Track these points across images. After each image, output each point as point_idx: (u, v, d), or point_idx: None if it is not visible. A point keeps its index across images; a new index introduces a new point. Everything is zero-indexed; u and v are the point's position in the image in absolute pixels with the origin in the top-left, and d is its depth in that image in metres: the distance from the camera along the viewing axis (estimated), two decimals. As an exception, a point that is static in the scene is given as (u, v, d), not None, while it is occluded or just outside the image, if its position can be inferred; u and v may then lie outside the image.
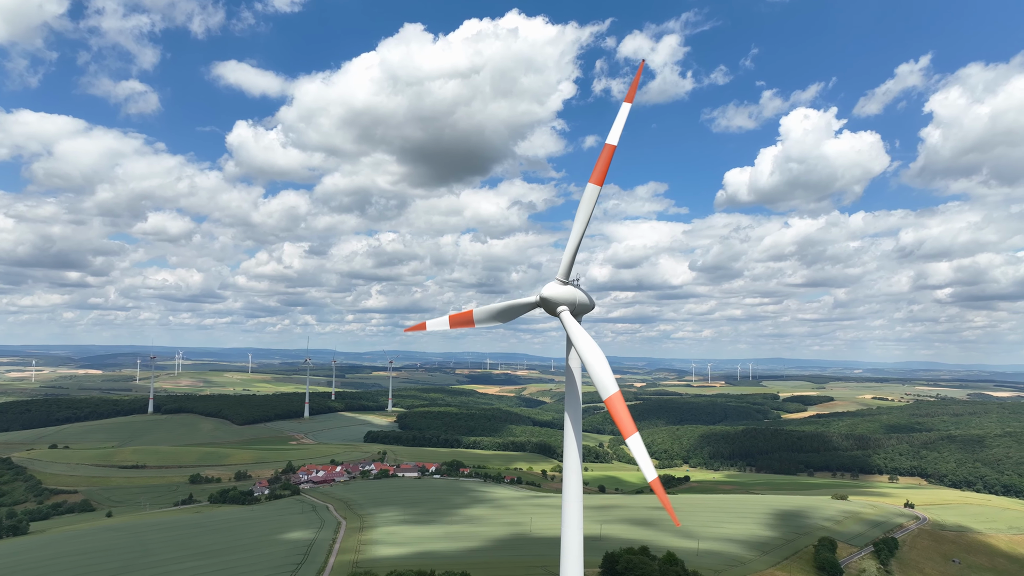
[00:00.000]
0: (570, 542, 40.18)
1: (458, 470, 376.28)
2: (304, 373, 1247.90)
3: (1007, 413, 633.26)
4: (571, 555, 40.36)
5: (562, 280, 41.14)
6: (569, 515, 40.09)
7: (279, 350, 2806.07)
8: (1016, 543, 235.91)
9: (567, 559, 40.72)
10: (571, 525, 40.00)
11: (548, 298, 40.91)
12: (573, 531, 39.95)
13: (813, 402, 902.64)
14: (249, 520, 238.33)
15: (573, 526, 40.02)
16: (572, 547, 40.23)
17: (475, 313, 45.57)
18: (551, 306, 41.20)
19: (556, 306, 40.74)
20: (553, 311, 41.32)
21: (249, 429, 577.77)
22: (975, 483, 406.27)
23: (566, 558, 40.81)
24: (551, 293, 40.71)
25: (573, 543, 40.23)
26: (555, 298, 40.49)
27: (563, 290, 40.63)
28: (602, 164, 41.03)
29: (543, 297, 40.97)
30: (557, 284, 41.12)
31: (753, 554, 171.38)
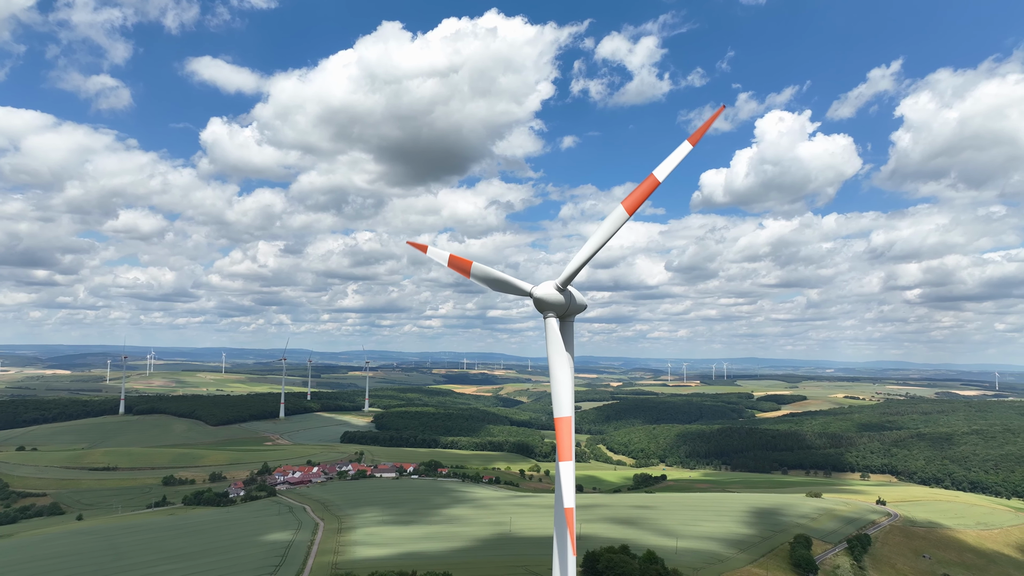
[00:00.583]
0: (562, 540, 40.11)
1: (436, 470, 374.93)
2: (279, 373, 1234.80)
3: (974, 411, 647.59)
4: (562, 554, 40.31)
5: (559, 286, 41.05)
6: (561, 515, 39.98)
7: (253, 350, 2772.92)
8: (984, 538, 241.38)
9: (558, 558, 40.66)
10: (562, 524, 39.90)
11: (540, 299, 40.77)
12: (565, 532, 39.84)
13: (787, 401, 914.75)
14: (225, 522, 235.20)
15: (565, 527, 39.93)
16: (564, 547, 40.17)
17: (473, 267, 45.84)
18: (541, 306, 41.12)
19: (545, 308, 40.65)
20: (541, 311, 41.26)
21: (223, 430, 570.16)
22: (943, 480, 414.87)
23: (559, 557, 40.76)
24: (543, 294, 40.61)
25: (565, 543, 40.16)
26: (546, 299, 40.41)
27: (555, 296, 40.57)
28: (641, 194, 39.94)
29: (534, 296, 40.82)
30: (552, 287, 41.05)
31: (731, 551, 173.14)
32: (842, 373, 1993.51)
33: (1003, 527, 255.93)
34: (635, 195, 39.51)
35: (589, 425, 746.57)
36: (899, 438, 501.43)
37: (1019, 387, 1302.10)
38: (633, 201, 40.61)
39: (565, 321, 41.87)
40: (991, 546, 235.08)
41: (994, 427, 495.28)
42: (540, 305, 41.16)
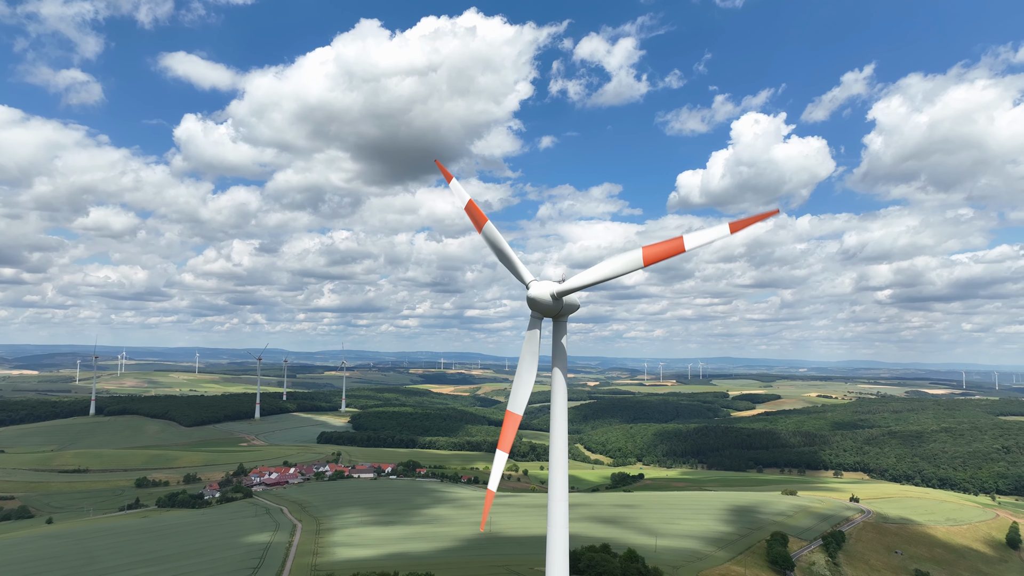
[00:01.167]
0: (556, 542, 40.29)
1: (415, 470, 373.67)
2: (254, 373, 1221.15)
3: (942, 410, 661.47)
4: (557, 555, 40.47)
5: (555, 294, 41.13)
6: (555, 515, 40.19)
7: (227, 349, 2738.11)
8: (953, 533, 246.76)
9: (553, 559, 40.81)
10: (557, 525, 40.11)
11: (533, 298, 40.84)
12: (559, 531, 40.07)
13: (761, 400, 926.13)
14: (200, 524, 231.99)
15: (559, 526, 40.14)
16: (558, 547, 40.35)
17: (487, 226, 46.41)
18: (532, 305, 41.19)
19: (537, 309, 40.73)
20: (545, 308, 41.35)
21: (197, 431, 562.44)
22: (914, 477, 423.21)
23: (552, 558, 40.90)
24: (536, 295, 40.73)
25: (559, 543, 40.34)
26: (538, 301, 40.56)
27: (547, 302, 40.74)
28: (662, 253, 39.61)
29: (528, 296, 40.86)
30: (547, 293, 41.18)
31: (710, 549, 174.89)
32: (815, 372, 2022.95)
33: (971, 523, 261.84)
34: (658, 251, 39.37)
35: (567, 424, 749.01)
36: (871, 436, 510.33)
37: (985, 386, 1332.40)
38: (652, 256, 40.46)
39: (558, 321, 41.95)
40: (960, 541, 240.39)
41: (962, 425, 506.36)
42: (532, 304, 41.19)
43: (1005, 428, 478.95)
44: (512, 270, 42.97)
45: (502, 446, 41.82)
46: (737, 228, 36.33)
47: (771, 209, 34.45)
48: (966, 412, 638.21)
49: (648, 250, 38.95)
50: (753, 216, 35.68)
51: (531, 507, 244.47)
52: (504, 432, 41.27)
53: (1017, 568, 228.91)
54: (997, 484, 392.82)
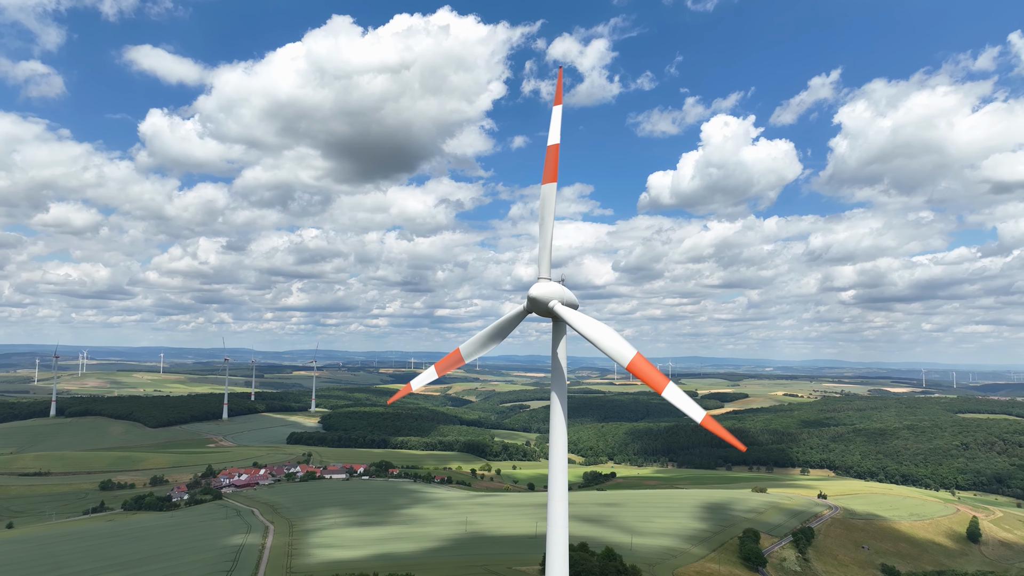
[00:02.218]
0: (556, 542, 40.51)
1: (387, 471, 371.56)
2: (220, 373, 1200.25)
3: (904, 408, 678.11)
4: (556, 555, 40.70)
5: (546, 278, 41.30)
6: (555, 515, 40.39)
7: (193, 349, 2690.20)
8: (917, 528, 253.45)
9: (553, 559, 41.04)
10: (557, 525, 40.33)
11: (537, 297, 40.91)
12: (559, 531, 40.29)
13: (730, 399, 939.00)
14: (169, 527, 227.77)
15: (559, 526, 40.35)
16: (558, 547, 40.58)
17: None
18: (541, 306, 41.26)
19: (547, 303, 40.82)
20: (544, 310, 41.39)
21: (163, 432, 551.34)
22: (878, 474, 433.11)
23: (552, 558, 41.12)
24: (540, 292, 40.76)
25: (559, 543, 40.57)
26: (544, 296, 40.59)
27: (551, 286, 40.76)
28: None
29: (532, 298, 40.92)
30: (543, 282, 41.18)
31: (685, 546, 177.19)
32: (781, 371, 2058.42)
33: (933, 518, 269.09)
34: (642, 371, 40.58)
35: (538, 424, 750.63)
36: (837, 434, 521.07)
37: (944, 384, 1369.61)
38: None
39: (558, 322, 42.10)
40: (924, 535, 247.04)
41: (923, 423, 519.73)
42: (540, 304, 41.15)
43: (964, 425, 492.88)
44: (541, 250, 42.68)
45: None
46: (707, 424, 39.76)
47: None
48: (926, 410, 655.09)
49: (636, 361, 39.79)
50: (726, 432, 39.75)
51: (511, 506, 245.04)
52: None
53: (977, 561, 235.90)
54: (957, 480, 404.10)
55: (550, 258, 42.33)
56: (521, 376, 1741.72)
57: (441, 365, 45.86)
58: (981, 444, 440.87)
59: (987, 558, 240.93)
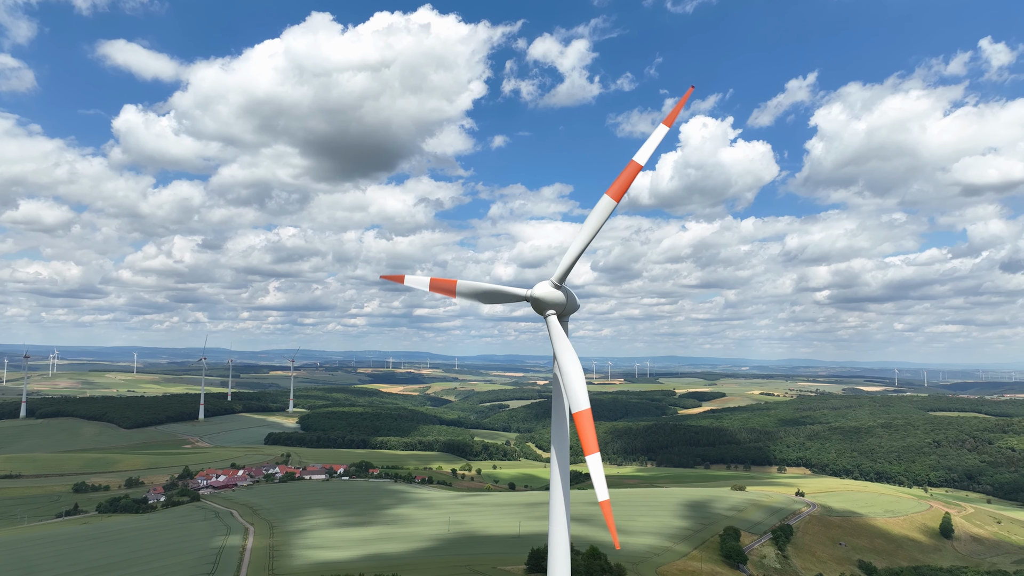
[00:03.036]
0: (557, 543, 40.66)
1: (367, 471, 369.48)
2: (195, 373, 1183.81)
3: (877, 406, 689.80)
4: (558, 555, 40.86)
5: (555, 283, 41.34)
6: (556, 516, 40.55)
7: (167, 349, 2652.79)
8: (892, 524, 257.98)
9: (555, 560, 41.17)
10: (559, 525, 40.47)
11: (539, 299, 41.03)
12: (560, 532, 40.43)
13: (707, 398, 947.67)
14: (146, 530, 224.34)
15: (560, 526, 40.50)
16: (560, 548, 40.72)
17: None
18: (541, 306, 41.37)
19: (546, 308, 40.94)
20: (542, 311, 41.54)
21: (138, 433, 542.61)
22: (853, 471, 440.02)
23: (554, 558, 41.25)
24: (542, 294, 40.84)
25: (560, 544, 40.72)
26: (545, 299, 40.68)
27: (555, 293, 40.77)
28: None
29: (534, 297, 41.04)
30: (550, 286, 41.20)
31: (667, 544, 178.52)
32: (757, 371, 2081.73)
33: (908, 514, 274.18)
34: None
35: (518, 423, 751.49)
36: (813, 432, 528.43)
37: (915, 383, 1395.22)
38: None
39: (561, 320, 42.29)
40: (899, 532, 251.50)
41: (897, 421, 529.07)
42: (539, 305, 41.20)
43: (935, 423, 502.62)
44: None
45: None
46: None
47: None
48: (899, 408, 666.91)
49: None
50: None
51: (498, 506, 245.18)
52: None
53: (950, 556, 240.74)
54: (929, 476, 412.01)
55: (571, 268, 41.93)
56: (500, 376, 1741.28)
57: (436, 282, 45.52)
58: (952, 442, 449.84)
59: (959, 553, 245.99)
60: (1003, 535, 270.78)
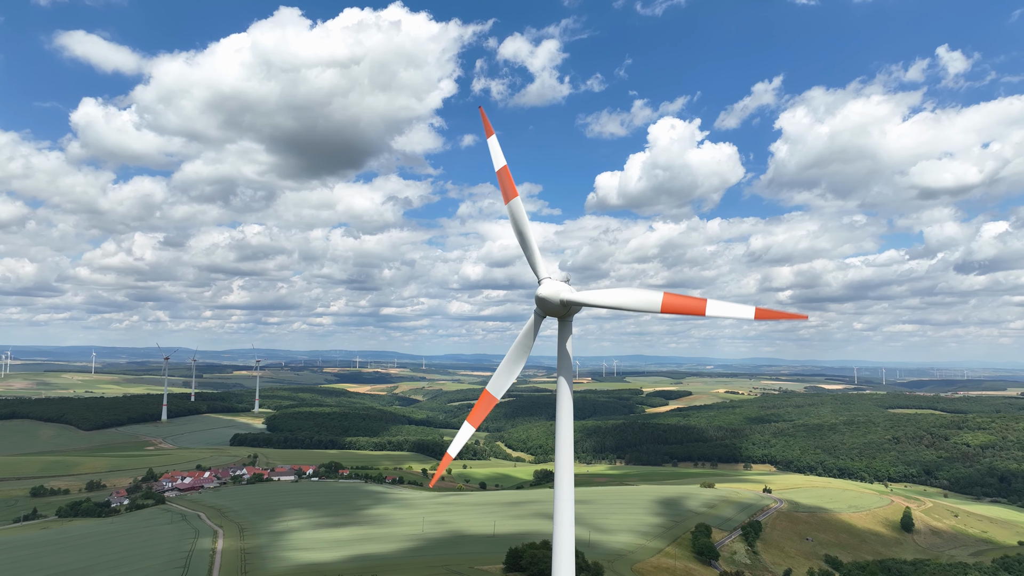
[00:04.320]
0: (562, 544, 40.87)
1: (337, 471, 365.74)
2: (156, 373, 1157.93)
3: (839, 404, 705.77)
4: (563, 556, 41.07)
5: (548, 277, 41.77)
6: (561, 516, 40.75)
7: (127, 348, 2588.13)
8: (856, 519, 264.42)
9: (559, 560, 41.37)
10: (563, 525, 40.68)
11: (546, 297, 41.16)
12: (565, 532, 40.64)
13: (674, 396, 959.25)
14: (110, 534, 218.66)
15: (565, 526, 40.71)
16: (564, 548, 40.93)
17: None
18: (551, 304, 41.55)
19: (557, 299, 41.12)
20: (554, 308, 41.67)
21: (98, 435, 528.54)
22: (816, 468, 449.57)
23: (558, 559, 41.45)
24: (547, 291, 41.01)
25: (565, 544, 40.94)
26: (553, 293, 41.00)
27: (555, 283, 41.14)
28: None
29: (541, 298, 41.12)
30: (547, 282, 41.53)
31: (641, 541, 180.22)
32: (721, 369, 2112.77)
33: (870, 509, 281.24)
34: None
35: (487, 423, 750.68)
36: (777, 430, 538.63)
37: (874, 381, 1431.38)
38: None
39: (564, 321, 42.50)
40: (862, 526, 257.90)
41: (858, 418, 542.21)
42: (539, 302, 41.59)
43: (895, 420, 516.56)
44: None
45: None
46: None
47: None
48: (859, 406, 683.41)
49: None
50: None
51: (477, 505, 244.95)
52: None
53: (911, 549, 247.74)
54: (889, 472, 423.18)
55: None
56: (468, 375, 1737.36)
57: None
58: (911, 438, 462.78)
59: (920, 546, 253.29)
60: (960, 528, 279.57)
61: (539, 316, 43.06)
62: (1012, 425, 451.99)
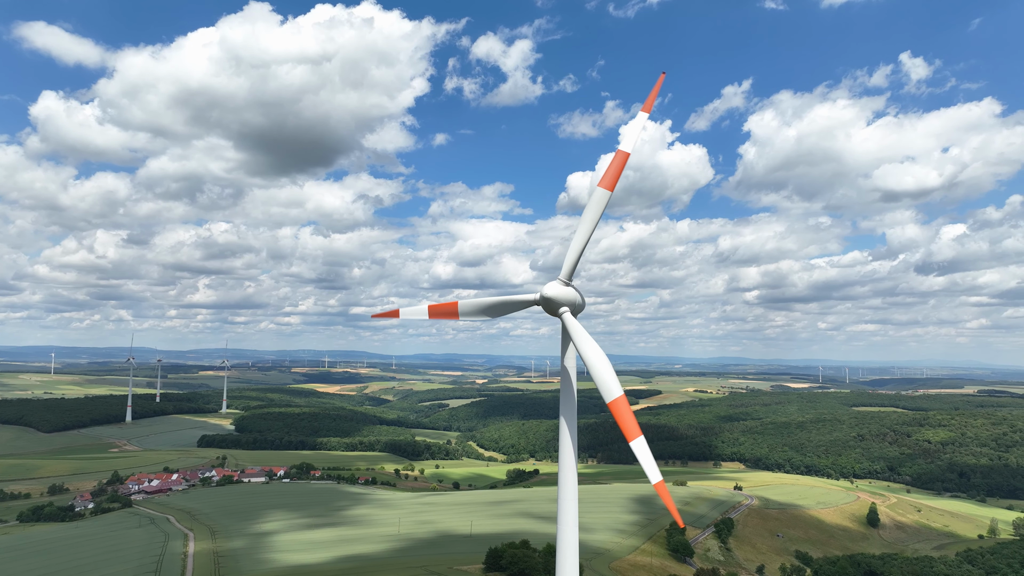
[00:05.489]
0: (566, 544, 41.05)
1: (309, 472, 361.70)
2: (119, 373, 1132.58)
3: (805, 402, 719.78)
4: (567, 556, 41.25)
5: (564, 281, 41.64)
6: (565, 516, 40.92)
7: (87, 348, 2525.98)
8: (824, 515, 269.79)
9: (563, 560, 41.54)
10: (567, 526, 40.85)
11: (551, 298, 41.29)
12: (569, 533, 40.83)
13: (644, 395, 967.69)
14: (76, 539, 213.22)
15: (569, 527, 40.89)
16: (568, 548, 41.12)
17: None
18: (553, 306, 41.62)
19: (558, 307, 41.23)
20: (554, 311, 41.79)
21: (59, 437, 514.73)
22: (784, 465, 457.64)
23: (562, 559, 41.62)
24: (553, 293, 41.11)
25: (569, 545, 41.13)
26: (558, 298, 40.98)
27: (566, 291, 41.09)
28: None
29: (546, 297, 41.25)
30: (559, 284, 41.47)
31: (617, 539, 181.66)
32: (690, 368, 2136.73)
33: (838, 505, 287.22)
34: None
35: (459, 423, 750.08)
36: (746, 428, 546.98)
37: (838, 379, 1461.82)
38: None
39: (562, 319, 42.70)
40: (831, 522, 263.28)
41: (824, 416, 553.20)
42: (551, 305, 41.48)
43: (859, 418, 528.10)
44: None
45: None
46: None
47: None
48: (825, 404, 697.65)
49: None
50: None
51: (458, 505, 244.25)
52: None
53: (877, 544, 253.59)
54: (855, 469, 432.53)
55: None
56: (439, 375, 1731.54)
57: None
58: (875, 435, 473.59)
59: (886, 541, 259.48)
60: (924, 522, 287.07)
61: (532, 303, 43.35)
62: (970, 422, 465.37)
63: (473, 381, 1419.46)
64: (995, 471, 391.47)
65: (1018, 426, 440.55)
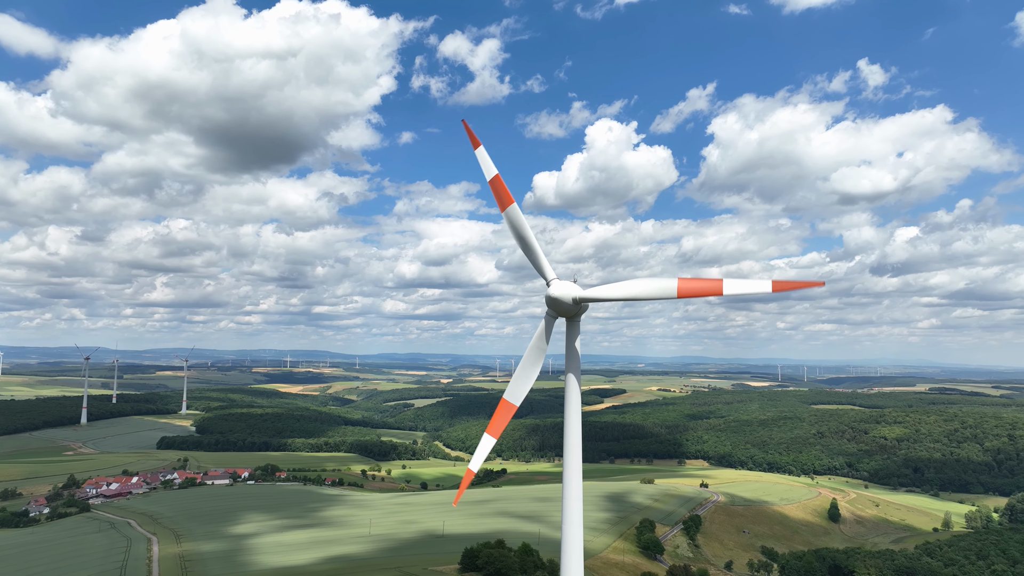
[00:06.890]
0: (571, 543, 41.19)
1: (274, 474, 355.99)
2: (72, 374, 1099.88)
3: (766, 401, 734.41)
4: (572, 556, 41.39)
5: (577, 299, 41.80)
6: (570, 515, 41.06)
7: (37, 348, 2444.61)
8: (788, 511, 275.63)
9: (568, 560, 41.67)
10: (572, 525, 40.99)
11: (558, 297, 41.38)
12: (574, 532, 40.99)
13: (608, 394, 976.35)
14: (32, 545, 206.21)
15: (574, 526, 41.05)
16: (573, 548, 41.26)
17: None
18: (562, 305, 41.77)
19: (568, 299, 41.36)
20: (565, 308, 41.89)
21: (10, 440, 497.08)
22: (747, 462, 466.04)
23: (567, 558, 41.73)
24: (559, 292, 41.22)
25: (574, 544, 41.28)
26: (564, 294, 41.22)
27: (565, 284, 41.36)
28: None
29: (553, 298, 41.29)
30: (556, 283, 41.74)
31: (589, 537, 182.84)
32: (653, 367, 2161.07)
33: (801, 501, 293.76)
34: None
35: (425, 423, 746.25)
36: (710, 426, 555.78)
37: (796, 378, 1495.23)
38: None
39: (572, 321, 42.83)
40: (795, 517, 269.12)
41: (785, 414, 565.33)
42: (551, 303, 41.77)
43: (818, 416, 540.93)
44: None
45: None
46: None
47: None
48: (785, 402, 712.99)
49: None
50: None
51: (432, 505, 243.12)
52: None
53: (839, 538, 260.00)
54: (815, 465, 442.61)
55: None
56: (403, 374, 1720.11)
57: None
58: (834, 432, 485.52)
59: (847, 535, 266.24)
60: (882, 516, 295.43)
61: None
62: (924, 419, 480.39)
63: (438, 381, 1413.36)
64: (947, 466, 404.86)
65: (968, 423, 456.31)
